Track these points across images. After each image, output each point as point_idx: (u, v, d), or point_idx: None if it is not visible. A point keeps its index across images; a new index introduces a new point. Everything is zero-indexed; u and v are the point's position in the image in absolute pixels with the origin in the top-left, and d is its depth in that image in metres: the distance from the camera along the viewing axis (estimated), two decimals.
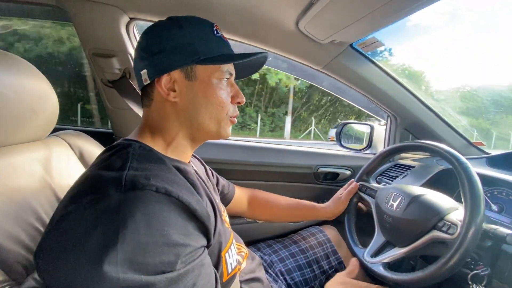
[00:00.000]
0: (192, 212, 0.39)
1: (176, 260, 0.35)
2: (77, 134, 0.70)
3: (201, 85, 0.49)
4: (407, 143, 0.81)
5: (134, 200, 0.35)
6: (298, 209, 0.91)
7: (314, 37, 0.85)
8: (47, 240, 0.36)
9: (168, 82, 0.48)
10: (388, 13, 0.69)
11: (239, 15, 0.81)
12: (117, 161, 0.42)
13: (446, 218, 0.61)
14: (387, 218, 0.71)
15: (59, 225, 0.36)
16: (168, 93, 0.49)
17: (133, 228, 0.33)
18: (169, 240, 0.35)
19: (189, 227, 0.39)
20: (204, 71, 0.49)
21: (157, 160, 0.45)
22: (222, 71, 0.51)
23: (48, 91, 0.54)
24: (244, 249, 0.75)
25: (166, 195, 0.37)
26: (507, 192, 0.76)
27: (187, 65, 0.48)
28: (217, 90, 0.50)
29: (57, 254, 0.33)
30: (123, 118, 1.02)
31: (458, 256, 0.53)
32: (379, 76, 1.02)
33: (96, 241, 0.32)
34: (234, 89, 0.55)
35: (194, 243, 0.39)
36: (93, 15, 0.79)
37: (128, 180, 0.37)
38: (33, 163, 0.53)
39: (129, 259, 0.32)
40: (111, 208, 0.34)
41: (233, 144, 1.16)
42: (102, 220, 0.33)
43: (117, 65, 0.88)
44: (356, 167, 1.24)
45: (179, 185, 0.41)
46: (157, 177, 0.39)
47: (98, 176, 0.40)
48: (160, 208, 0.36)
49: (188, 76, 0.49)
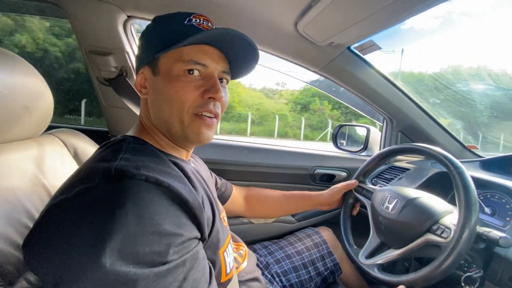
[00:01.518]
0: (184, 202, 0.39)
1: (167, 250, 0.34)
2: (72, 132, 0.69)
3: (163, 79, 0.47)
4: (403, 146, 0.82)
5: (124, 189, 0.34)
6: (293, 200, 0.93)
7: (312, 39, 0.86)
8: (36, 230, 0.36)
9: (140, 79, 0.50)
10: (385, 17, 0.69)
11: (237, 16, 0.81)
12: (109, 153, 0.41)
13: (440, 222, 0.61)
14: (382, 220, 0.72)
15: (48, 216, 0.36)
16: (140, 90, 0.50)
17: (122, 218, 0.32)
18: (159, 230, 0.34)
19: (181, 217, 0.38)
20: (166, 63, 0.47)
21: (151, 153, 0.44)
22: (184, 61, 0.46)
23: (43, 88, 0.53)
24: (243, 247, 0.75)
25: (156, 184, 0.37)
26: (500, 195, 0.77)
27: (148, 58, 0.48)
28: (177, 83, 0.46)
29: (46, 245, 0.33)
30: (119, 116, 1.01)
31: (451, 259, 0.54)
32: (375, 78, 1.03)
33: (85, 232, 0.31)
34: (209, 83, 0.47)
35: (187, 233, 0.38)
36: (90, 13, 0.78)
37: (117, 169, 0.36)
38: (26, 161, 0.52)
39: (118, 249, 0.31)
40: (100, 198, 0.34)
41: (230, 145, 1.16)
42: (91, 210, 0.33)
43: (114, 63, 0.88)
44: (352, 169, 1.25)
45: (171, 176, 0.41)
46: (148, 167, 0.38)
47: (89, 167, 0.40)
48: (150, 198, 0.35)
49: (153, 71, 0.48)
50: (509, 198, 0.74)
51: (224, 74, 0.52)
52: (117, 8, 0.78)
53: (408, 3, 0.63)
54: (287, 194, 0.95)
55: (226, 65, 0.52)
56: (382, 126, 1.28)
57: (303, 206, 0.95)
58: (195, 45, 0.47)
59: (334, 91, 1.23)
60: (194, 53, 0.46)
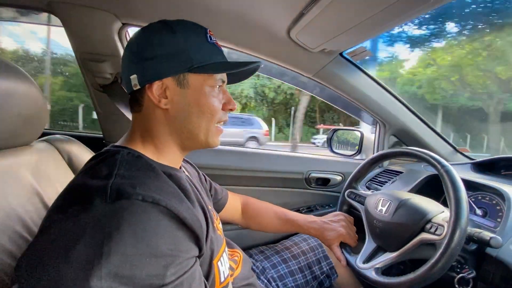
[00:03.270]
0: (181, 221, 0.38)
1: (165, 272, 0.34)
2: (66, 139, 0.68)
3: (193, 93, 0.48)
4: (393, 150, 0.83)
5: (120, 210, 0.34)
6: (286, 223, 0.88)
7: (305, 45, 0.87)
8: (30, 251, 0.35)
9: (159, 89, 0.47)
10: (377, 24, 0.71)
11: (232, 23, 0.82)
12: (103, 168, 0.40)
13: (433, 220, 0.62)
14: (377, 223, 0.73)
15: (42, 236, 0.35)
16: (159, 100, 0.47)
17: (119, 239, 0.32)
18: (156, 251, 0.34)
19: (179, 237, 0.38)
20: (197, 79, 0.48)
21: (146, 167, 0.44)
22: (215, 79, 0.50)
23: (36, 94, 0.53)
24: (238, 253, 0.75)
25: (153, 203, 0.36)
26: (490, 197, 0.78)
27: (180, 72, 0.47)
28: (210, 99, 0.49)
29: (40, 267, 0.32)
30: (114, 123, 1.00)
31: (446, 256, 0.55)
32: (368, 84, 1.05)
33: (80, 254, 0.31)
34: (226, 96, 0.54)
35: (185, 254, 0.38)
36: (85, 20, 0.78)
37: (113, 189, 0.36)
38: (20, 168, 0.52)
39: (114, 272, 0.31)
40: (96, 219, 0.33)
41: (225, 150, 1.16)
42: (86, 232, 0.32)
43: (109, 69, 0.88)
44: (347, 172, 1.26)
45: (168, 193, 0.40)
46: (144, 185, 0.38)
47: (83, 185, 0.39)
48: (147, 218, 0.35)
49: (181, 83, 0.48)
50: (499, 199, 0.76)
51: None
52: (112, 15, 0.79)
53: (398, 11, 0.65)
54: (281, 218, 0.88)
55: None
56: (375, 130, 1.30)
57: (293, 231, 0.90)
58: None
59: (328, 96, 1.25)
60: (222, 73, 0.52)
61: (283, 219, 0.88)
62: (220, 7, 0.77)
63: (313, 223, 0.84)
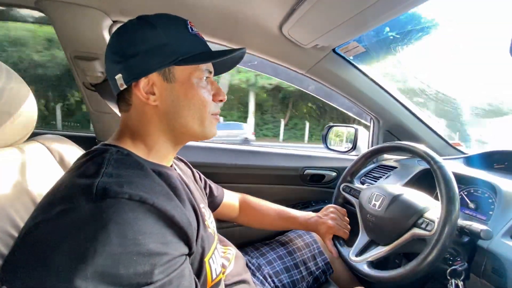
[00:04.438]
0: (169, 219, 0.38)
1: (152, 270, 0.34)
2: (57, 138, 0.67)
3: (181, 86, 0.48)
4: (387, 145, 0.84)
5: (106, 209, 0.33)
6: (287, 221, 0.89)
7: (297, 41, 0.87)
8: (14, 253, 0.34)
9: (146, 85, 0.46)
10: (368, 18, 0.71)
11: (223, 19, 0.82)
12: (91, 167, 0.40)
13: (425, 216, 0.63)
14: (370, 218, 0.73)
15: (26, 238, 0.35)
16: (147, 97, 0.46)
17: (104, 239, 0.31)
18: (143, 250, 0.33)
19: (167, 235, 0.38)
20: (183, 71, 0.48)
21: (134, 166, 0.43)
22: (201, 70, 0.49)
23: (26, 94, 0.53)
24: (231, 250, 0.75)
25: (140, 202, 0.36)
26: (482, 190, 0.79)
27: (165, 67, 0.46)
28: (198, 90, 0.49)
29: (25, 269, 0.32)
30: (106, 122, 1.00)
31: (436, 251, 0.55)
32: (361, 79, 1.06)
33: (65, 255, 0.31)
34: (215, 86, 0.53)
35: (173, 252, 0.37)
36: (75, 18, 0.77)
37: (99, 188, 0.35)
38: (9, 168, 0.51)
39: (101, 272, 0.30)
40: (81, 219, 0.33)
41: (219, 147, 1.16)
42: (72, 232, 0.32)
43: (100, 68, 0.87)
44: (342, 168, 1.26)
45: (155, 192, 0.40)
46: (131, 183, 0.38)
47: (70, 184, 0.38)
48: (134, 217, 0.34)
49: (167, 78, 0.47)
50: (491, 192, 0.77)
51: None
52: (102, 13, 0.78)
53: (390, 4, 0.65)
54: (282, 214, 0.90)
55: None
56: (369, 125, 1.31)
57: (293, 228, 0.94)
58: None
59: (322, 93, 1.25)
60: (207, 64, 0.51)
61: (284, 217, 0.89)
62: (211, 3, 0.76)
63: (309, 218, 0.87)
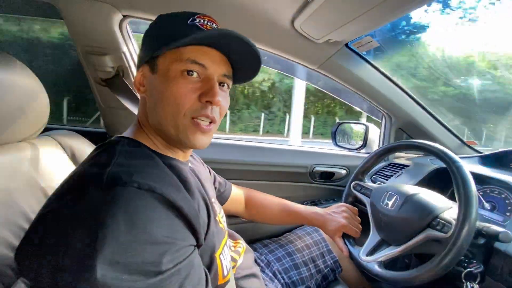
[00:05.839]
0: (178, 209, 0.38)
1: (161, 259, 0.33)
2: (69, 133, 0.68)
3: (160, 78, 0.45)
4: (402, 143, 0.82)
5: (115, 197, 0.34)
6: (290, 215, 0.88)
7: (309, 36, 0.85)
8: (27, 239, 0.35)
9: (139, 77, 0.49)
10: (383, 12, 0.69)
11: (234, 14, 0.81)
12: (102, 157, 0.41)
13: (440, 217, 0.61)
14: (382, 217, 0.72)
15: (38, 225, 0.36)
16: (138, 88, 0.49)
17: (114, 227, 0.31)
18: (152, 238, 0.33)
19: (175, 224, 0.38)
20: (164, 62, 0.45)
21: (145, 156, 0.44)
22: (182, 61, 0.44)
23: (38, 89, 0.53)
24: (241, 244, 0.75)
25: (149, 191, 0.36)
26: (499, 190, 0.77)
27: (147, 57, 0.47)
28: (173, 84, 0.44)
29: (37, 255, 0.32)
30: (117, 117, 1.00)
31: (452, 254, 0.54)
32: (374, 75, 1.03)
33: (75, 242, 0.31)
34: (207, 85, 0.46)
35: (181, 241, 0.37)
36: (85, 13, 0.77)
37: (109, 176, 0.35)
38: (22, 163, 0.52)
39: (110, 260, 0.30)
40: (92, 207, 0.33)
41: (229, 144, 1.15)
42: (82, 219, 0.32)
43: (111, 63, 0.87)
44: (352, 166, 1.25)
45: (165, 182, 0.40)
46: (141, 173, 0.38)
47: (81, 173, 0.39)
48: (142, 205, 0.34)
49: (152, 69, 0.47)
50: (508, 193, 0.74)
51: (225, 78, 0.49)
52: (112, 7, 0.77)
53: None
54: (284, 207, 0.89)
55: (228, 69, 0.50)
56: (381, 123, 1.28)
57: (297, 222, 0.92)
58: (195, 46, 0.45)
59: (332, 89, 1.22)
60: (193, 53, 0.44)
61: (286, 211, 0.88)
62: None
63: (316, 213, 0.85)
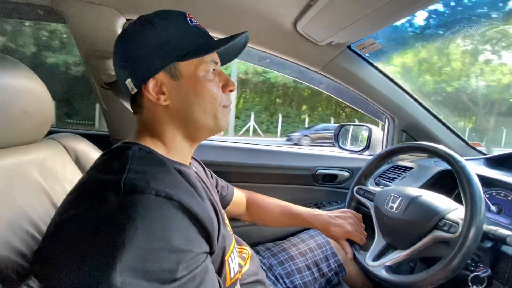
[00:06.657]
0: (194, 216, 0.38)
1: (177, 266, 0.34)
2: (73, 136, 0.68)
3: (188, 82, 0.47)
4: (405, 145, 0.81)
5: (133, 204, 0.34)
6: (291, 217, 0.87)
7: (312, 38, 0.85)
8: (46, 246, 0.35)
9: (155, 86, 0.46)
10: (386, 14, 0.69)
11: (237, 16, 0.81)
12: (116, 164, 0.41)
13: (446, 217, 0.60)
14: (387, 220, 0.71)
15: (58, 231, 0.36)
16: (158, 98, 0.46)
17: (132, 234, 0.32)
18: (169, 246, 0.34)
19: (191, 232, 0.38)
20: (188, 66, 0.47)
21: (157, 163, 0.44)
22: (206, 62, 0.48)
23: (42, 93, 0.53)
24: (246, 250, 0.75)
25: (166, 198, 0.36)
26: (505, 193, 0.76)
27: (169, 64, 0.46)
28: (206, 83, 0.48)
29: (56, 261, 0.33)
30: (120, 120, 1.00)
31: (462, 254, 0.53)
32: (376, 77, 1.03)
33: (95, 249, 0.31)
34: (223, 77, 0.52)
35: (196, 249, 0.38)
36: (89, 17, 0.78)
37: (127, 183, 0.36)
38: (26, 166, 0.52)
39: (128, 266, 0.31)
40: (110, 213, 0.33)
41: (231, 146, 1.15)
42: (101, 226, 0.33)
43: None
44: (355, 168, 1.24)
45: (180, 188, 0.41)
46: (157, 180, 0.38)
47: (97, 180, 0.39)
48: (160, 213, 0.35)
49: (173, 75, 0.47)
50: None
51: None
52: (116, 11, 0.78)
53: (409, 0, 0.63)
54: (286, 210, 0.87)
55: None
56: (384, 125, 1.27)
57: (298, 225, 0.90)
58: None
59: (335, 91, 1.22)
60: (212, 54, 0.49)
61: (287, 213, 0.87)
62: (225, 0, 0.75)
63: (318, 216, 0.83)
